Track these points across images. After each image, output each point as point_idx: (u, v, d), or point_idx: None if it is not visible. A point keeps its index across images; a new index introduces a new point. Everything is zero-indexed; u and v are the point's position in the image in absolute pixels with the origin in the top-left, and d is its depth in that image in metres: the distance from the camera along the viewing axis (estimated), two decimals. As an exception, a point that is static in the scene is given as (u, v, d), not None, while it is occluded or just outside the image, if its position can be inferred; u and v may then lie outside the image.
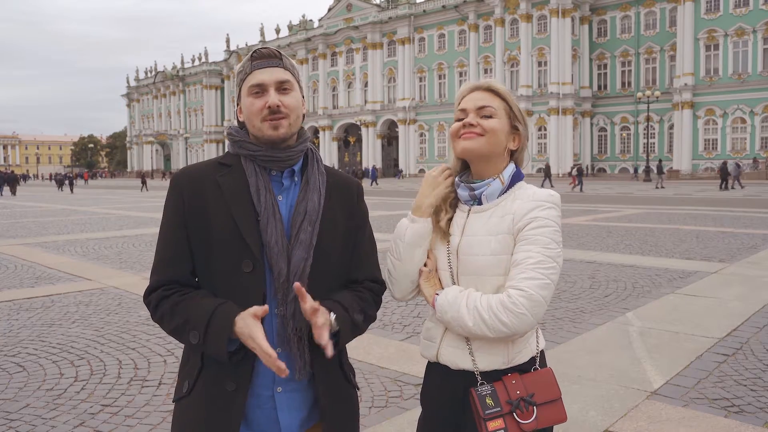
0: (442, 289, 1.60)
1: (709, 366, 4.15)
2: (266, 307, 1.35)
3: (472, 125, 1.57)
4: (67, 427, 3.32)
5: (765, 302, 5.92)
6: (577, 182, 32.44)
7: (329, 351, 1.36)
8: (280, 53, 1.51)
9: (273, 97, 1.46)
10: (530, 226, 1.51)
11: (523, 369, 1.58)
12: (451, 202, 1.66)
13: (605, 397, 3.61)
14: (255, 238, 1.42)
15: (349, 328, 1.46)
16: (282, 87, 1.48)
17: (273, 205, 1.45)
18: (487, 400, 1.50)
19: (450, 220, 1.64)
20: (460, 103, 1.64)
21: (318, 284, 1.46)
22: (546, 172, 35.08)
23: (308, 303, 1.35)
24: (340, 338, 1.44)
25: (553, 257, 1.50)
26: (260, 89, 1.47)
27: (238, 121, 1.57)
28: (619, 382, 3.85)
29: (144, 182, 42.31)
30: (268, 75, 1.47)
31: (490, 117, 1.58)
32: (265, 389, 1.45)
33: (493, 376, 1.55)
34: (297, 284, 1.35)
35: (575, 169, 34.42)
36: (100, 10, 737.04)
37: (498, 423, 1.49)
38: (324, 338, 1.35)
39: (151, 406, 3.61)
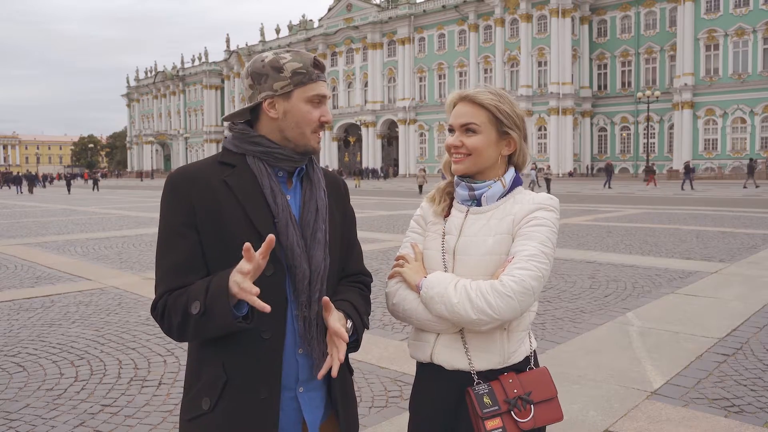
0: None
1: (709, 366, 4.15)
2: (272, 237, 1.27)
3: (457, 146, 1.60)
4: (67, 427, 3.32)
5: (765, 302, 5.91)
6: (684, 179, 31.09)
7: (336, 369, 1.38)
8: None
9: (329, 113, 1.49)
10: (530, 223, 1.54)
11: (519, 369, 1.58)
12: (449, 192, 1.69)
13: (605, 397, 3.61)
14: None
15: (362, 334, 1.51)
16: (326, 101, 1.51)
17: (288, 206, 1.44)
18: (484, 399, 1.49)
19: (446, 209, 1.68)
20: (451, 110, 1.66)
21: (330, 282, 1.49)
22: (607, 172, 34.77)
23: (332, 322, 1.39)
24: (358, 342, 1.50)
25: (547, 254, 1.52)
26: (321, 101, 1.47)
27: (252, 114, 1.48)
28: (619, 382, 3.85)
29: None
30: (326, 89, 1.49)
31: (474, 133, 1.59)
32: (288, 392, 1.44)
33: (489, 376, 1.55)
34: (326, 299, 1.39)
35: (683, 166, 33.25)
36: (99, 10, 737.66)
37: (496, 422, 1.48)
38: (342, 356, 1.38)
39: (151, 406, 3.61)
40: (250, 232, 1.38)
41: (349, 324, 1.44)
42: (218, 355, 1.40)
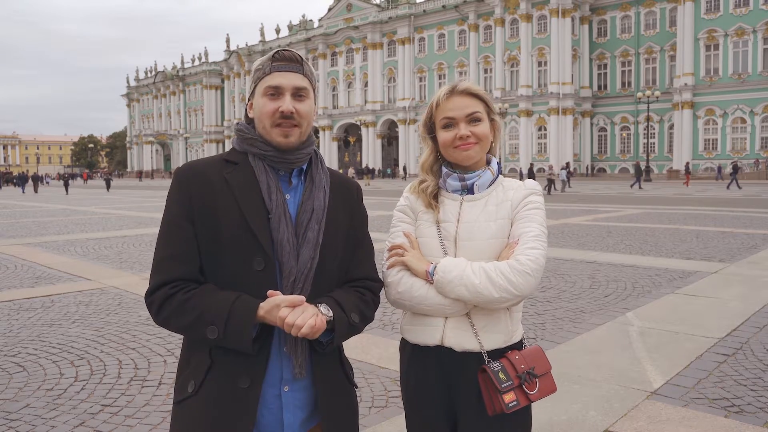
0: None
1: (709, 366, 4.15)
2: (302, 297, 1.38)
3: (468, 137, 1.67)
4: (67, 427, 3.32)
5: (765, 302, 5.91)
6: (731, 179, 30.62)
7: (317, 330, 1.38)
8: (301, 58, 1.51)
9: (288, 104, 1.46)
10: (526, 207, 1.67)
11: (517, 347, 1.69)
12: (436, 194, 1.75)
13: (605, 397, 3.61)
14: (266, 236, 1.42)
15: (345, 328, 1.46)
16: (298, 93, 1.48)
17: (283, 203, 1.46)
18: (500, 375, 1.59)
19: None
20: (439, 106, 1.71)
21: (321, 282, 1.48)
22: (637, 172, 34.15)
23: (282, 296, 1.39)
24: (335, 337, 1.45)
25: (546, 234, 1.67)
26: (276, 92, 1.47)
27: (246, 116, 1.56)
28: (619, 382, 3.85)
29: None
30: (287, 79, 1.47)
31: (478, 121, 1.69)
32: (272, 388, 1.45)
33: (495, 356, 1.64)
34: (270, 291, 1.38)
35: (731, 165, 32.56)
36: (99, 10, 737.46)
37: (511, 396, 1.58)
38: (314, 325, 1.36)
39: (151, 406, 3.61)
40: (242, 228, 1.42)
41: (323, 308, 1.41)
42: (206, 342, 1.44)
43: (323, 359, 1.49)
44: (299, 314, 1.35)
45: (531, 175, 30.51)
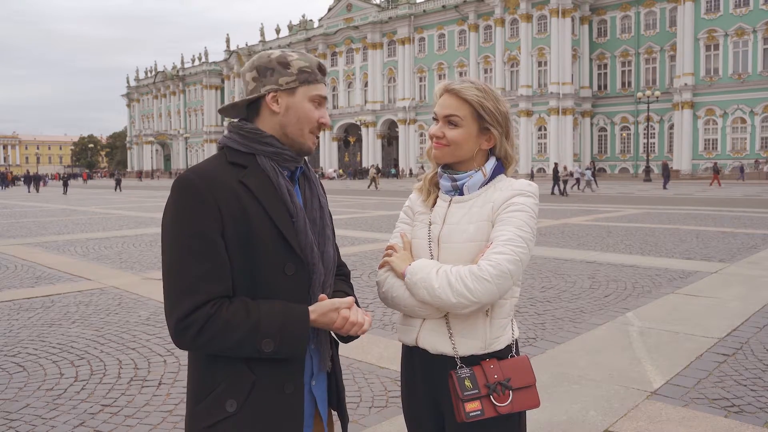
0: None
1: (709, 366, 4.15)
2: (353, 299, 1.45)
3: (438, 137, 1.65)
4: (67, 427, 3.32)
5: (765, 302, 5.91)
6: None
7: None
8: None
9: (328, 117, 1.52)
10: (508, 209, 1.59)
11: (500, 356, 1.64)
12: (436, 183, 1.73)
13: (605, 397, 3.61)
14: (296, 240, 1.42)
15: None
16: (325, 105, 1.56)
17: (300, 206, 1.46)
18: (465, 383, 1.56)
19: (434, 199, 1.72)
20: (437, 102, 1.71)
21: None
22: (665, 172, 33.23)
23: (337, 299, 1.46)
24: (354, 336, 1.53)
25: (525, 238, 1.56)
26: (321, 102, 1.50)
27: (248, 114, 1.48)
28: (619, 382, 3.85)
29: None
30: (327, 93, 1.53)
31: (456, 126, 1.63)
32: (305, 386, 1.48)
33: (471, 362, 1.61)
34: (322, 296, 1.43)
35: (757, 164, 32.01)
36: (98, 10, 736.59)
37: (475, 405, 1.55)
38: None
39: (151, 406, 3.61)
40: (272, 233, 1.39)
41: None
42: (239, 357, 1.38)
43: (335, 351, 1.59)
44: (356, 313, 1.42)
45: (555, 175, 29.07)
